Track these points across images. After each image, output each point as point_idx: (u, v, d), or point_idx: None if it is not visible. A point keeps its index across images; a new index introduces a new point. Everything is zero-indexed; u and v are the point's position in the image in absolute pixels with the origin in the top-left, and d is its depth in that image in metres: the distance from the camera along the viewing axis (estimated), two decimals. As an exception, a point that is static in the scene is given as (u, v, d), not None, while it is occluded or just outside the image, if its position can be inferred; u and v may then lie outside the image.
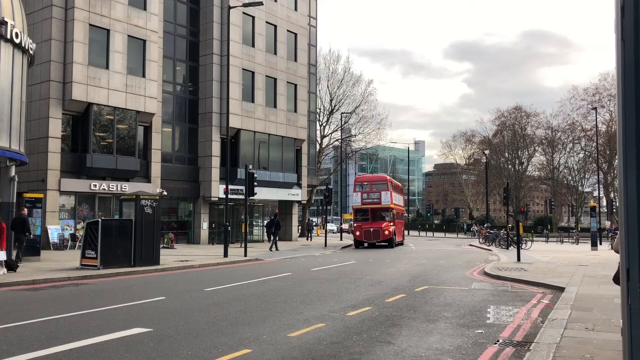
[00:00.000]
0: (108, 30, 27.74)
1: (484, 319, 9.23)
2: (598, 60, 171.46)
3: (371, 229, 31.32)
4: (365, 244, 32.41)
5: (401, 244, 36.11)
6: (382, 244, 31.88)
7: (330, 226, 65.63)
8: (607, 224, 45.52)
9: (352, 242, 42.61)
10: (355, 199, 33.75)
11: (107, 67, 27.63)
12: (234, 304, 10.59)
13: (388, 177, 35.96)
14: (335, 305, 10.47)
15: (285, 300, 11.11)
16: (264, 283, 14.35)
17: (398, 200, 35.66)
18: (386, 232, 31.28)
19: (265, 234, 34.30)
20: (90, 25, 27.03)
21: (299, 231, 44.35)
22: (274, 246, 28.06)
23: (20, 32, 18.75)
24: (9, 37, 18.04)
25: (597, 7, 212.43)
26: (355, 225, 33.01)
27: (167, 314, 9.44)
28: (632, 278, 2.86)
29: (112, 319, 8.97)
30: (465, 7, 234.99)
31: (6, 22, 17.93)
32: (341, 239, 41.88)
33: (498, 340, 7.57)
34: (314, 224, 53.04)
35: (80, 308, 9.97)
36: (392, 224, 32.06)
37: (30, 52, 19.93)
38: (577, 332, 7.70)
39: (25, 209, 18.68)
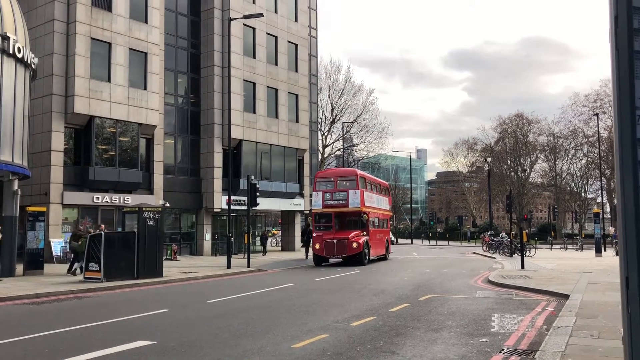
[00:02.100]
0: (110, 44, 27.92)
1: (488, 328, 9.19)
2: (598, 66, 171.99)
3: (334, 240, 24.24)
4: (330, 260, 26.00)
5: (384, 258, 28.84)
6: (352, 259, 24.75)
7: None
8: (611, 230, 45.36)
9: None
10: (315, 201, 26.17)
11: (109, 80, 27.78)
12: (238, 316, 10.58)
13: (359, 172, 28.08)
14: (338, 315, 10.44)
15: (289, 311, 11.09)
16: (267, 294, 14.32)
17: (378, 202, 28.62)
18: (354, 245, 24.07)
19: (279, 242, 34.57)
20: (92, 38, 27.20)
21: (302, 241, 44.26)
22: (308, 254, 29.47)
23: (23, 47, 18.91)
24: (11, 52, 18.21)
25: (596, 14, 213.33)
26: (314, 235, 25.40)
27: (171, 327, 9.43)
28: (631, 286, 2.86)
29: (116, 332, 8.96)
30: (464, 15, 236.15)
31: (8, 37, 18.09)
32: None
33: (503, 349, 7.54)
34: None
35: (84, 321, 9.96)
36: (364, 233, 25.14)
37: (33, 66, 20.09)
38: (582, 340, 7.66)
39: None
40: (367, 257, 25.14)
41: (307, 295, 13.80)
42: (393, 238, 56.15)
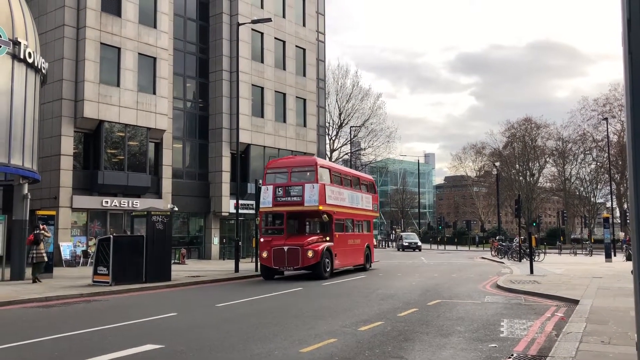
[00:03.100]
0: (119, 49, 28.10)
1: (497, 333, 9.13)
2: (607, 71, 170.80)
3: (285, 248, 19.45)
4: (284, 273, 21.11)
5: (362, 269, 23.84)
6: (311, 271, 19.94)
7: None
8: (621, 235, 45.01)
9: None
10: (264, 198, 20.80)
11: (118, 85, 27.95)
12: (246, 320, 10.57)
13: (320, 161, 22.16)
14: (346, 320, 10.41)
15: (297, 315, 11.07)
16: (275, 298, 14.31)
17: (352, 200, 23.17)
18: (309, 253, 19.17)
19: None
20: (101, 43, 27.40)
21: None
22: None
23: (33, 52, 19.07)
24: (22, 57, 18.37)
25: (605, 18, 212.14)
26: (262, 241, 20.46)
27: (179, 330, 9.44)
28: (645, 292, 2.83)
29: (124, 336, 8.98)
30: (471, 20, 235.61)
31: (19, 43, 18.25)
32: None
33: (512, 355, 7.48)
34: None
35: (93, 325, 9.99)
36: (326, 239, 20.55)
37: (43, 71, 20.25)
38: (592, 346, 7.59)
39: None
40: (329, 269, 20.00)
41: (315, 300, 13.78)
42: (420, 242, 54.33)
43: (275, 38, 36.75)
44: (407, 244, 52.84)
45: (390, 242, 74.27)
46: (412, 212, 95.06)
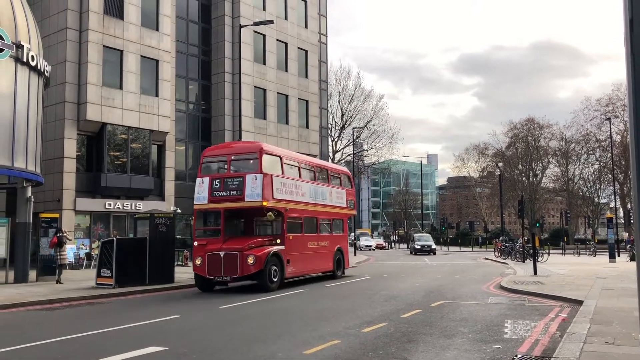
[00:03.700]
0: (121, 51, 28.16)
1: (501, 334, 9.12)
2: (610, 71, 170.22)
3: (221, 254, 15.94)
4: (227, 284, 17.52)
5: (332, 276, 20.51)
6: (256, 281, 16.45)
7: (367, 242, 59.61)
8: (625, 235, 44.89)
9: (366, 256, 42.07)
10: (199, 192, 17.10)
11: (120, 88, 28.00)
12: (249, 321, 10.58)
13: (267, 147, 17.71)
14: (350, 321, 10.41)
15: (300, 317, 11.07)
16: (278, 300, 14.31)
17: (314, 194, 19.47)
18: (250, 260, 15.67)
19: None
20: (104, 46, 27.46)
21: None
22: None
23: (36, 55, 19.12)
24: (25, 60, 18.42)
25: (607, 18, 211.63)
26: (196, 245, 16.92)
27: (182, 333, 9.44)
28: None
29: (128, 338, 8.99)
30: (473, 21, 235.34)
31: (22, 46, 18.31)
32: (355, 254, 41.67)
33: (516, 356, 7.47)
34: None
35: (96, 327, 10.01)
36: (275, 241, 17.02)
37: (46, 74, 20.31)
38: (596, 347, 7.57)
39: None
40: (277, 279, 16.49)
41: (318, 301, 13.78)
42: (434, 245, 46.71)
43: (277, 40, 36.80)
44: (419, 246, 45.45)
45: (393, 244, 74.09)
46: (415, 213, 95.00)
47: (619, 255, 34.40)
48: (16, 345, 8.38)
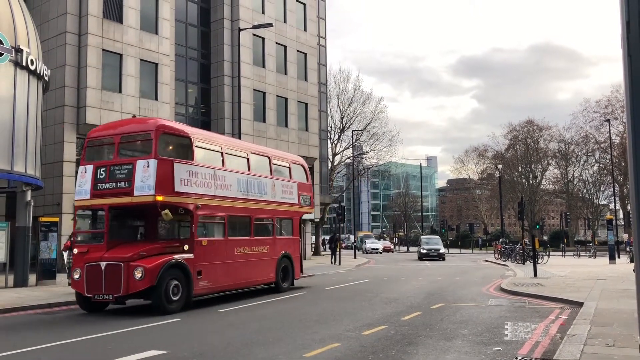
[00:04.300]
0: (121, 55, 28.18)
1: (501, 336, 9.11)
2: (608, 72, 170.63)
3: (102, 265, 12.36)
4: (113, 303, 13.04)
5: (275, 289, 16.79)
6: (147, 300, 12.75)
7: (373, 244, 57.04)
8: (625, 236, 44.87)
9: (367, 259, 42.05)
10: (80, 184, 13.69)
11: (120, 91, 28.01)
12: (249, 324, 10.57)
13: (164, 123, 13.94)
14: (350, 324, 10.40)
15: (300, 320, 11.06)
16: (279, 302, 14.30)
17: (245, 187, 15.47)
18: (137, 274, 12.07)
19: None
20: (103, 50, 27.48)
21: (313, 250, 44.22)
22: (333, 258, 33.40)
23: (36, 59, 19.15)
24: (24, 64, 18.44)
25: (605, 20, 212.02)
26: (75, 252, 13.41)
27: (182, 336, 9.44)
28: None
29: (128, 342, 8.99)
30: (473, 23, 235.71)
31: (22, 50, 18.33)
32: (355, 257, 41.64)
33: (516, 358, 7.47)
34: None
35: (96, 331, 10.00)
36: (183, 247, 13.31)
37: (45, 78, 20.32)
38: (597, 348, 7.57)
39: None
40: (179, 296, 12.66)
41: (318, 304, 13.77)
42: (443, 249, 41.30)
43: (276, 43, 36.84)
44: (424, 251, 39.92)
45: (394, 246, 73.95)
46: (415, 216, 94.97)
47: (619, 257, 34.38)
48: (16, 349, 8.37)
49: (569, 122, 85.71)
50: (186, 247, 13.23)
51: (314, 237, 45.63)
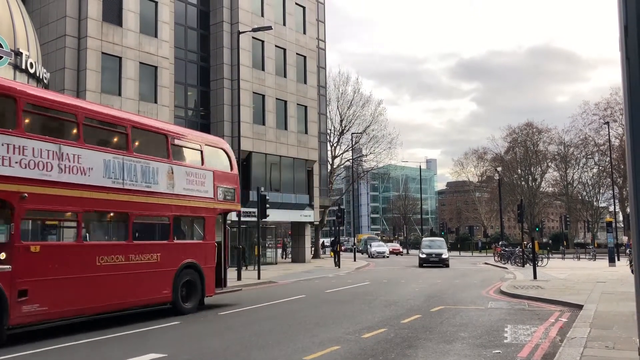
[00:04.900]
0: (120, 58, 28.20)
1: (501, 339, 9.11)
2: (607, 75, 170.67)
3: None
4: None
5: (173, 310, 12.63)
6: None
7: (380, 247, 54.91)
8: (625, 239, 44.89)
9: (366, 262, 42.07)
10: None
11: (119, 94, 28.03)
12: (248, 328, 10.56)
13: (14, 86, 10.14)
14: (350, 327, 10.39)
15: (300, 323, 11.05)
16: (278, 306, 14.29)
17: (121, 173, 11.44)
18: None
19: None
20: (102, 53, 27.50)
21: (312, 252, 44.21)
22: (337, 258, 33.42)
23: (35, 62, 19.18)
24: (24, 67, 18.47)
25: (604, 23, 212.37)
26: None
27: (182, 339, 9.43)
28: (647, 296, 2.83)
29: (128, 345, 8.97)
30: (472, 27, 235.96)
31: (21, 53, 18.36)
32: (355, 260, 41.63)
33: (516, 361, 7.47)
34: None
35: (95, 334, 9.98)
36: None
37: (45, 81, 20.35)
38: (597, 351, 7.56)
39: None
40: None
41: (318, 307, 13.76)
42: (447, 254, 34.74)
43: (275, 46, 36.86)
44: (424, 256, 34.48)
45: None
46: (415, 218, 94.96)
47: (618, 259, 34.35)
48: (15, 353, 8.35)
49: (568, 125, 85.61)
50: (3, 256, 9.14)
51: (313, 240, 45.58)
